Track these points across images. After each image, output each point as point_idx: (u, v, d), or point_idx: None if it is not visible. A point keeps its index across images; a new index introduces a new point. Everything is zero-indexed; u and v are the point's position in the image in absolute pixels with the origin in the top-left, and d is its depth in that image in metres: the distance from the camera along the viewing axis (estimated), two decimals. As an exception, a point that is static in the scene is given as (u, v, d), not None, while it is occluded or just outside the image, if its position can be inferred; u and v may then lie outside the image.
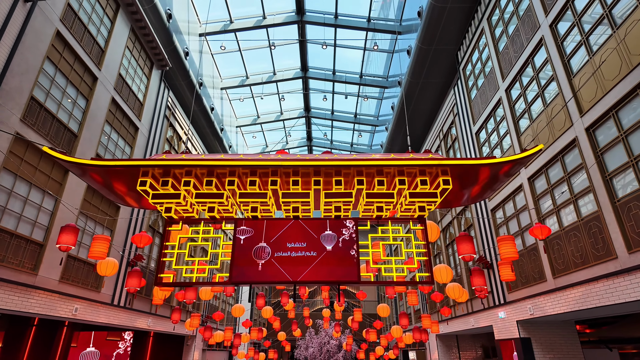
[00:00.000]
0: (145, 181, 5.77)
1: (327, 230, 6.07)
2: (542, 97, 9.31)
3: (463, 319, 14.36)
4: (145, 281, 10.23)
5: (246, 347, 23.67)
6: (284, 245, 5.97)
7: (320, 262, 5.85)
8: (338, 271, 5.79)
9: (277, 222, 6.18)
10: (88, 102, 10.23)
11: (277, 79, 22.57)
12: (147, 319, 13.53)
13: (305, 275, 5.77)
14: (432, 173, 5.85)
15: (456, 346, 17.85)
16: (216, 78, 21.75)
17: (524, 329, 10.33)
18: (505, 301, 11.00)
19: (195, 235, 6.13)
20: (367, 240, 6.14)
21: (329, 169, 5.69)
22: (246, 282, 5.74)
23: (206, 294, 12.01)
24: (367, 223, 6.21)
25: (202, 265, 5.87)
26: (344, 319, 28.77)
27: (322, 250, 5.94)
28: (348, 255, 5.89)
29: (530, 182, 9.79)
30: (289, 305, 16.82)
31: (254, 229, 6.09)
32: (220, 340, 16.21)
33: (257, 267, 5.80)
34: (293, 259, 5.88)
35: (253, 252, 5.89)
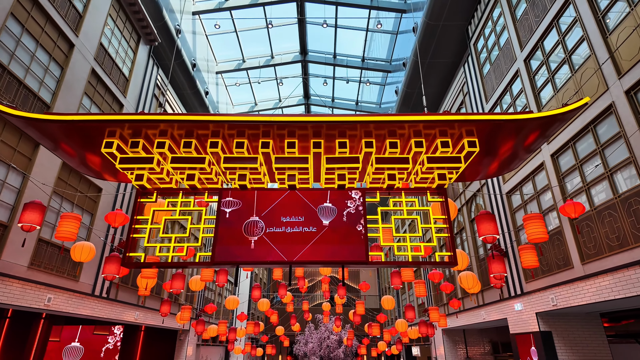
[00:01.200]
0: (111, 142, 4.79)
1: (327, 202, 5.10)
2: (569, 62, 8.32)
3: (473, 312, 13.45)
4: (128, 269, 9.29)
5: (243, 342, 22.82)
6: (277, 220, 5.01)
7: (321, 239, 4.90)
8: (342, 250, 4.83)
9: (269, 193, 5.22)
10: (63, 70, 9.23)
11: (275, 63, 21.52)
12: (134, 312, 12.61)
13: (303, 255, 4.81)
14: (455, 134, 4.88)
15: (463, 341, 16.96)
16: (211, 61, 20.71)
17: (544, 321, 9.41)
18: (523, 292, 10.07)
19: (173, 209, 5.17)
20: (377, 215, 5.17)
21: (332, 127, 4.71)
22: (232, 262, 4.78)
23: (197, 284, 11.08)
24: (377, 194, 5.25)
25: (180, 243, 4.90)
26: (345, 314, 27.91)
27: (322, 225, 4.98)
28: (354, 231, 4.93)
29: (554, 159, 8.82)
30: (287, 298, 15.91)
31: (241, 200, 5.12)
32: (215, 334, 15.32)
33: (247, 245, 4.84)
34: (289, 235, 4.92)
35: (244, 227, 4.93)
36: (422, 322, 13.59)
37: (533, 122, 4.68)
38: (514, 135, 4.88)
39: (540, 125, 4.78)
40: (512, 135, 4.89)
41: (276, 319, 18.01)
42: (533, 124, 4.73)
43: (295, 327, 20.68)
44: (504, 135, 4.87)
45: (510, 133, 4.84)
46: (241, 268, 6.03)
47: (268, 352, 22.65)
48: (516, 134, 4.87)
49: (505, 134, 4.86)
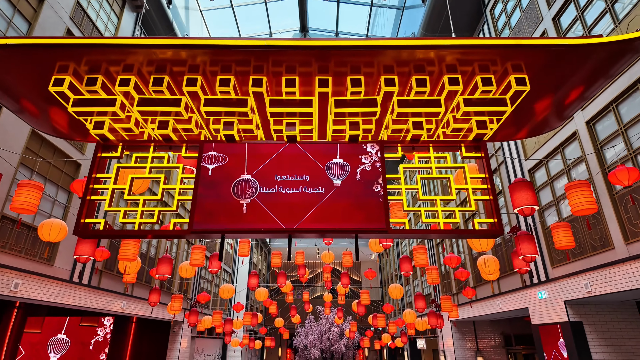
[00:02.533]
0: (61, 79, 3.73)
1: (337, 158, 4.05)
2: (611, 12, 7.22)
3: (487, 301, 12.48)
4: (110, 253, 8.28)
5: (241, 334, 21.93)
6: (272, 179, 3.96)
7: (329, 202, 3.86)
8: (355, 215, 3.80)
9: (263, 146, 4.16)
10: (31, 26, 8.12)
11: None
12: (120, 301, 11.63)
13: (307, 222, 3.77)
14: (498, 72, 3.81)
15: (473, 333, 16.03)
16: (206, 39, 19.50)
17: (574, 311, 8.42)
18: (548, 278, 9.08)
19: (141, 165, 4.12)
20: (399, 174, 4.12)
21: (342, 56, 3.64)
22: (215, 230, 3.74)
23: (187, 271, 10.07)
24: (398, 148, 4.19)
25: (150, 208, 3.85)
26: (347, 305, 27.01)
27: (331, 185, 3.94)
28: (370, 193, 3.88)
29: (589, 127, 7.77)
30: (286, 287, 14.95)
31: (228, 155, 4.07)
32: (210, 326, 14.37)
33: (237, 209, 3.80)
34: (287, 198, 3.88)
35: (233, 188, 3.89)
36: (431, 312, 12.62)
37: (602, 48, 3.61)
38: (573, 69, 3.81)
39: (610, 55, 3.70)
40: (571, 70, 3.82)
41: (275, 310, 17.06)
42: (601, 52, 3.66)
43: (295, 318, 19.75)
44: (561, 70, 3.81)
45: (569, 67, 3.77)
46: (229, 244, 4.99)
47: (267, 344, 21.77)
48: (576, 68, 3.80)
49: (563, 69, 3.80)
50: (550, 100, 4.25)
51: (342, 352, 25.98)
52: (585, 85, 4.05)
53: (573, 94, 4.17)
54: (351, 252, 12.35)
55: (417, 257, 8.73)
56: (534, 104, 4.17)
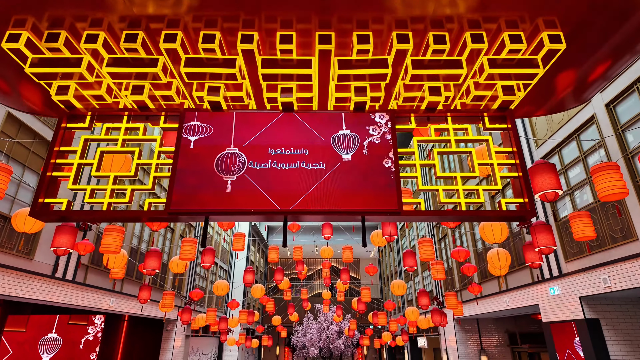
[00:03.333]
0: (17, 35, 3.15)
1: (343, 129, 3.49)
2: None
3: (493, 298, 11.95)
4: (94, 246, 7.70)
5: (237, 333, 21.39)
6: (263, 153, 3.39)
7: (332, 179, 3.29)
8: (362, 194, 3.23)
9: (254, 115, 3.59)
10: None
11: None
12: (109, 298, 11.05)
13: (305, 201, 3.21)
14: (527, 29, 3.25)
15: (476, 331, 15.52)
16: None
17: (590, 307, 7.90)
18: (561, 273, 8.55)
19: (113, 137, 3.54)
20: (413, 148, 3.56)
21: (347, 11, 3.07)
22: (196, 211, 3.17)
23: (178, 266, 9.50)
24: (411, 118, 3.63)
25: (122, 186, 3.27)
26: (346, 303, 26.47)
27: (334, 160, 3.37)
28: (379, 169, 3.32)
29: (609, 110, 7.23)
30: (284, 284, 14.41)
31: (213, 125, 3.49)
32: (204, 324, 13.81)
33: (221, 187, 3.23)
34: (282, 174, 3.31)
35: (216, 163, 3.32)
36: (435, 310, 12.10)
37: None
38: (606, 33, 3.25)
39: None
40: (604, 35, 3.26)
41: (272, 308, 16.51)
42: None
43: (293, 316, 19.21)
44: (595, 31, 3.25)
45: (603, 28, 3.21)
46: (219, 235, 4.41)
47: (264, 343, 21.24)
48: (610, 32, 3.25)
49: (597, 32, 3.24)
50: (575, 76, 3.71)
51: (341, 350, 25.48)
52: (612, 60, 3.51)
53: (599, 69, 3.65)
54: (351, 247, 11.80)
55: (422, 251, 8.18)
56: (560, 73, 3.62)
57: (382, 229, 7.92)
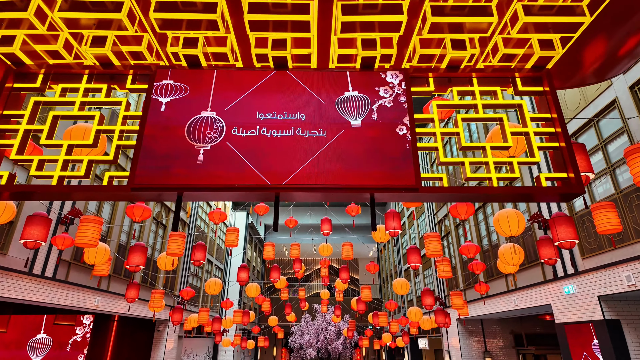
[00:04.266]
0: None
1: (349, 90, 2.89)
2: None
3: (500, 297, 11.37)
4: (74, 240, 7.07)
5: (232, 334, 20.75)
6: (250, 118, 2.79)
7: (333, 149, 2.70)
8: (371, 167, 2.63)
9: (239, 73, 2.99)
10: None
11: None
12: (93, 297, 10.42)
13: (300, 176, 2.60)
14: (569, -30, 2.66)
15: (480, 332, 14.94)
16: None
17: (609, 307, 7.32)
18: (577, 270, 7.96)
19: (69, 100, 2.93)
20: (432, 114, 2.96)
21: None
22: (167, 187, 2.56)
23: (166, 263, 8.88)
24: (429, 80, 3.03)
25: (77, 155, 2.64)
26: (344, 303, 25.86)
27: (336, 127, 2.77)
28: (392, 138, 2.73)
29: (634, 92, 6.65)
30: (280, 283, 13.80)
31: (189, 85, 2.89)
32: (196, 324, 13.19)
33: (195, 157, 2.63)
34: (273, 143, 2.71)
35: (187, 129, 2.71)
36: (439, 310, 11.52)
37: None
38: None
39: None
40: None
41: (269, 308, 15.90)
42: None
43: (290, 317, 18.59)
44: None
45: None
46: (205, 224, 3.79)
47: (260, 344, 20.62)
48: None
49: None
50: (605, 47, 3.14)
51: (339, 352, 24.86)
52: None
53: (631, 41, 3.07)
54: (351, 243, 11.20)
55: (429, 246, 7.60)
56: (592, 41, 3.03)
57: (385, 223, 7.33)
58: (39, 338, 12.37)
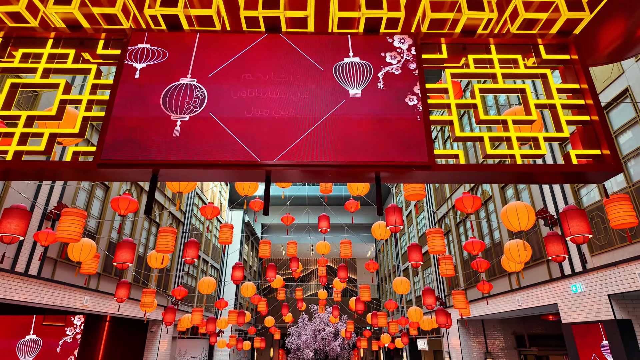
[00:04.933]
0: None
1: (350, 55, 2.53)
2: None
3: (503, 297, 11.04)
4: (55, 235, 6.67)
5: (228, 335, 20.35)
6: (237, 87, 2.43)
7: (333, 122, 2.34)
8: (377, 141, 2.28)
9: (226, 37, 2.62)
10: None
11: None
12: (82, 296, 10.02)
13: (295, 151, 2.25)
14: None
15: (481, 333, 14.62)
16: None
17: (620, 307, 7.00)
18: (585, 268, 7.64)
19: (31, 65, 2.56)
20: (446, 83, 2.60)
21: None
22: (139, 163, 2.20)
23: (157, 260, 8.51)
24: (442, 46, 2.68)
25: (37, 129, 2.27)
26: (342, 303, 25.49)
27: (337, 96, 2.42)
28: (401, 109, 2.37)
29: (648, 81, 6.34)
30: (277, 282, 13.43)
31: (168, 49, 2.53)
32: (190, 325, 12.81)
33: (170, 130, 2.27)
34: (262, 114, 2.35)
35: (162, 98, 2.35)
36: (440, 310, 11.18)
37: None
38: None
39: None
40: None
41: (265, 308, 15.53)
42: None
43: (287, 317, 18.22)
44: None
45: None
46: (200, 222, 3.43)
47: (257, 345, 20.22)
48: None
49: None
50: (624, 27, 2.80)
51: (337, 353, 24.49)
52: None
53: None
54: (350, 241, 10.85)
55: (432, 243, 7.25)
56: (610, 19, 2.69)
57: (386, 218, 6.99)
58: (28, 339, 12.00)
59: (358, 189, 7.34)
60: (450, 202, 15.00)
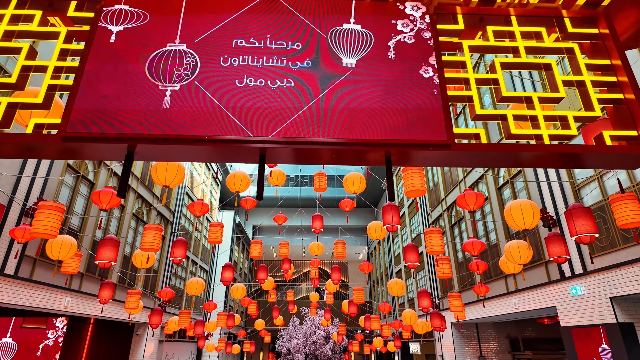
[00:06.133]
0: None
1: (350, 22, 2.25)
2: None
3: (499, 300, 10.84)
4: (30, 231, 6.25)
5: (217, 338, 19.86)
6: (228, 53, 2.12)
7: (338, 94, 2.05)
8: (388, 118, 1.99)
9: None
10: None
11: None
12: (63, 297, 9.56)
13: (294, 126, 1.95)
14: None
15: (475, 337, 14.41)
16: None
17: (623, 310, 6.81)
18: (586, 270, 7.46)
19: (-12, 27, 2.23)
20: (463, 56, 2.33)
21: None
22: (112, 136, 1.88)
23: (142, 260, 8.12)
24: (458, 16, 2.40)
25: None
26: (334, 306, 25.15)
27: (341, 68, 2.13)
28: (415, 81, 2.09)
29: (653, 77, 6.18)
30: (267, 284, 13.08)
31: (148, 11, 2.22)
32: (177, 328, 12.38)
33: (158, 100, 1.96)
34: (257, 85, 2.05)
35: (149, 64, 2.04)
36: (435, 313, 10.94)
37: None
38: None
39: None
40: None
41: (255, 311, 15.14)
42: None
43: (277, 320, 17.83)
44: None
45: None
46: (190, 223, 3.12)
47: (246, 349, 19.78)
48: None
49: None
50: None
51: (328, 356, 24.12)
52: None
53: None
54: (344, 241, 10.56)
55: (430, 243, 6.99)
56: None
57: (382, 217, 6.71)
58: (3, 342, 11.50)
59: (354, 186, 7.06)
60: (445, 203, 14.81)
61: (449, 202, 14.49)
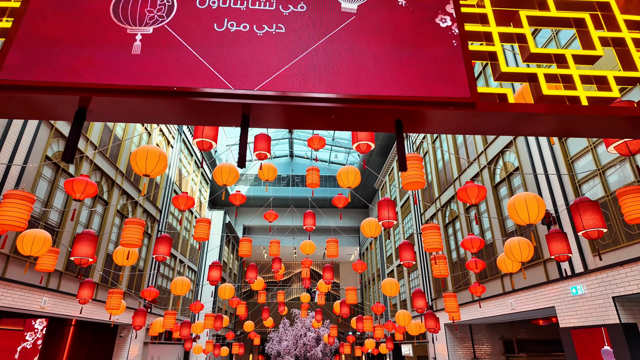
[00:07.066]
0: None
1: (358, -35, 1.89)
2: None
3: (494, 300, 10.58)
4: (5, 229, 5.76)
5: (204, 340, 19.32)
6: (213, -5, 1.76)
7: (338, 43, 1.69)
8: (399, 71, 1.64)
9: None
10: None
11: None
12: (39, 297, 9.04)
13: (282, 79, 1.59)
14: None
15: (469, 338, 14.16)
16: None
17: (626, 310, 6.56)
18: (587, 269, 7.21)
19: None
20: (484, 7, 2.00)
21: None
22: (59, 85, 1.50)
23: (122, 257, 7.67)
24: (476, -37, 2.07)
25: None
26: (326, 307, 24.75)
27: (344, 13, 1.77)
28: (430, 31, 1.75)
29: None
30: (257, 284, 12.67)
31: (115, -57, 1.83)
32: (161, 329, 11.89)
33: (125, 45, 1.58)
34: (240, 30, 1.69)
35: (114, 4, 1.66)
36: (429, 314, 10.64)
37: None
38: None
39: None
40: None
41: (244, 312, 14.69)
42: None
43: (267, 322, 17.38)
44: None
45: None
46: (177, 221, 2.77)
47: (235, 351, 19.29)
48: None
49: None
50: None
51: (319, 358, 23.71)
52: None
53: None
54: (336, 240, 10.21)
55: (427, 240, 6.68)
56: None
57: (378, 212, 6.37)
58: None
59: (349, 180, 6.72)
60: (439, 202, 14.56)
61: (442, 201, 14.24)
